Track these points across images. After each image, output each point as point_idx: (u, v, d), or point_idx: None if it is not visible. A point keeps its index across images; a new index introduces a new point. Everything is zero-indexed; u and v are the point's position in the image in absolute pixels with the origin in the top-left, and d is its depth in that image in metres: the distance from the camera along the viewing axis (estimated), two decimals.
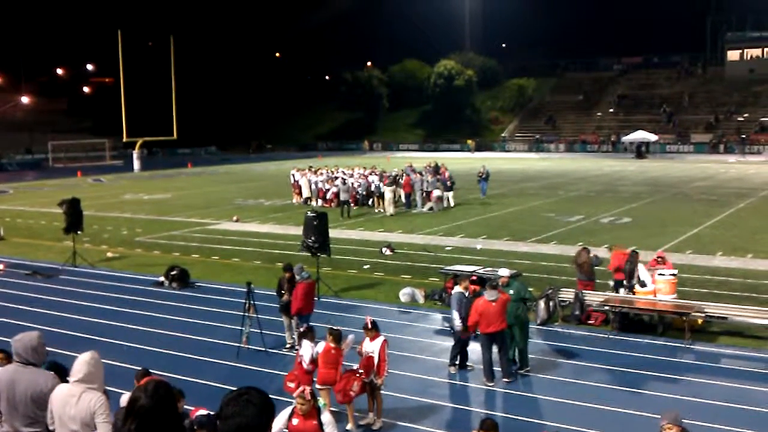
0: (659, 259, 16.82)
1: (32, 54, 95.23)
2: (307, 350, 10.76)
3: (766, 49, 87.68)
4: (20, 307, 17.69)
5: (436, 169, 38.24)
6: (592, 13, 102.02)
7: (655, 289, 15.64)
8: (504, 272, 13.64)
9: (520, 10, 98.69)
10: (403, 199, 34.55)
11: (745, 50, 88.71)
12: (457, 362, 13.01)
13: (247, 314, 13.87)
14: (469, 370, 12.95)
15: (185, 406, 7.60)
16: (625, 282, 15.93)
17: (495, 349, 12.45)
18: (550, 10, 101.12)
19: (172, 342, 14.83)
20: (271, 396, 3.98)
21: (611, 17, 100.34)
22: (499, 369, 12.53)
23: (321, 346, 10.71)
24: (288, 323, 14.27)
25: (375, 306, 17.29)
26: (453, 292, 13.24)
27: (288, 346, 14.11)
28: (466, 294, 12.96)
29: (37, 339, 6.41)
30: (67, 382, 6.02)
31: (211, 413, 7.71)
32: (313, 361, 10.69)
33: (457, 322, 12.67)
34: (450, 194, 34.41)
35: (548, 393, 12.03)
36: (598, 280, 17.07)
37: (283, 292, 14.31)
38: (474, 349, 13.09)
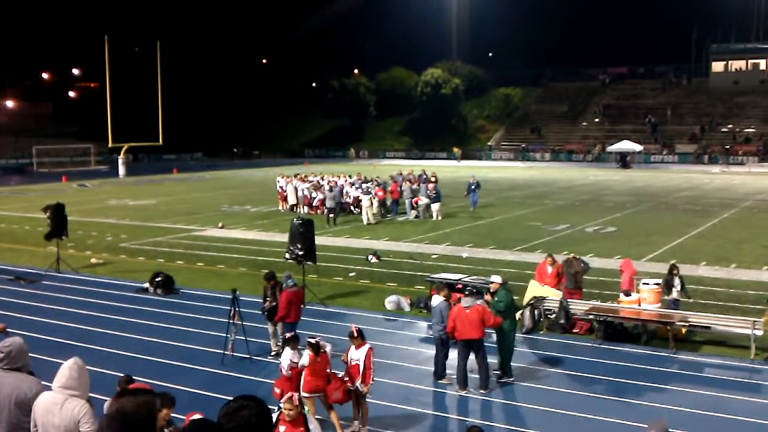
0: (621, 270, 16.90)
1: (17, 58, 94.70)
2: (286, 358, 10.70)
3: (750, 61, 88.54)
4: (3, 312, 17.51)
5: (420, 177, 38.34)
6: (578, 24, 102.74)
7: (640, 298, 15.74)
8: (496, 279, 13.65)
9: (506, 19, 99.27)
10: (410, 205, 34.29)
11: (730, 62, 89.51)
12: (446, 372, 12.94)
13: (232, 321, 13.83)
14: (455, 379, 12.94)
15: (173, 414, 7.53)
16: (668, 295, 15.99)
17: (472, 357, 12.46)
18: (536, 20, 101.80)
19: (157, 348, 14.75)
20: None
21: (597, 28, 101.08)
22: (477, 377, 12.54)
23: (306, 357, 10.60)
24: (273, 330, 14.25)
25: (360, 314, 17.27)
26: (435, 303, 13.12)
27: (273, 353, 14.07)
28: (450, 303, 12.99)
29: (18, 344, 6.37)
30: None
31: (204, 418, 7.63)
32: (293, 368, 10.61)
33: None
34: (436, 206, 33.21)
35: (533, 402, 12.05)
36: (585, 289, 17.16)
37: (267, 299, 14.31)
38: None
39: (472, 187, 36.09)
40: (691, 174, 61.61)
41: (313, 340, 10.64)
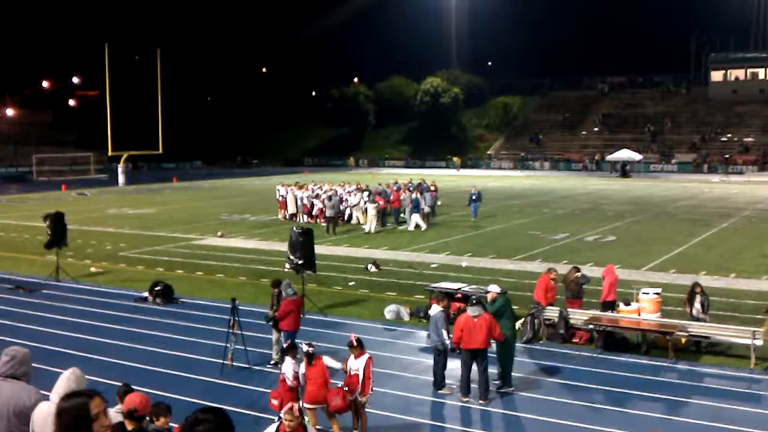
0: (603, 276, 16.84)
1: (17, 66, 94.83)
2: (288, 367, 10.70)
3: (749, 70, 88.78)
4: (2, 321, 17.52)
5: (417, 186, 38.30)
6: (578, 33, 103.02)
7: (639, 308, 15.72)
8: (493, 288, 13.65)
9: (506, 28, 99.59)
10: (408, 215, 34.13)
11: (729, 71, 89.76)
12: (446, 382, 12.92)
13: (231, 331, 13.82)
14: (454, 388, 12.92)
15: (171, 424, 7.53)
16: (689, 311, 15.75)
17: (474, 366, 12.45)
18: (535, 30, 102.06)
19: (156, 358, 14.73)
20: (255, 413, 3.98)
21: (596, 37, 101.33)
22: (477, 386, 12.50)
23: (302, 366, 10.61)
24: (276, 338, 14.24)
25: (360, 323, 17.24)
26: (433, 312, 13.09)
27: (273, 362, 14.06)
28: (450, 313, 12.98)
29: (22, 353, 6.36)
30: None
31: None
32: (297, 378, 10.62)
33: (447, 341, 12.63)
34: (415, 216, 32.82)
35: (532, 411, 12.03)
36: (585, 299, 17.15)
37: (274, 306, 14.33)
38: (456, 365, 13.08)
39: (473, 197, 35.91)
40: (690, 183, 61.66)
41: (304, 348, 10.67)
